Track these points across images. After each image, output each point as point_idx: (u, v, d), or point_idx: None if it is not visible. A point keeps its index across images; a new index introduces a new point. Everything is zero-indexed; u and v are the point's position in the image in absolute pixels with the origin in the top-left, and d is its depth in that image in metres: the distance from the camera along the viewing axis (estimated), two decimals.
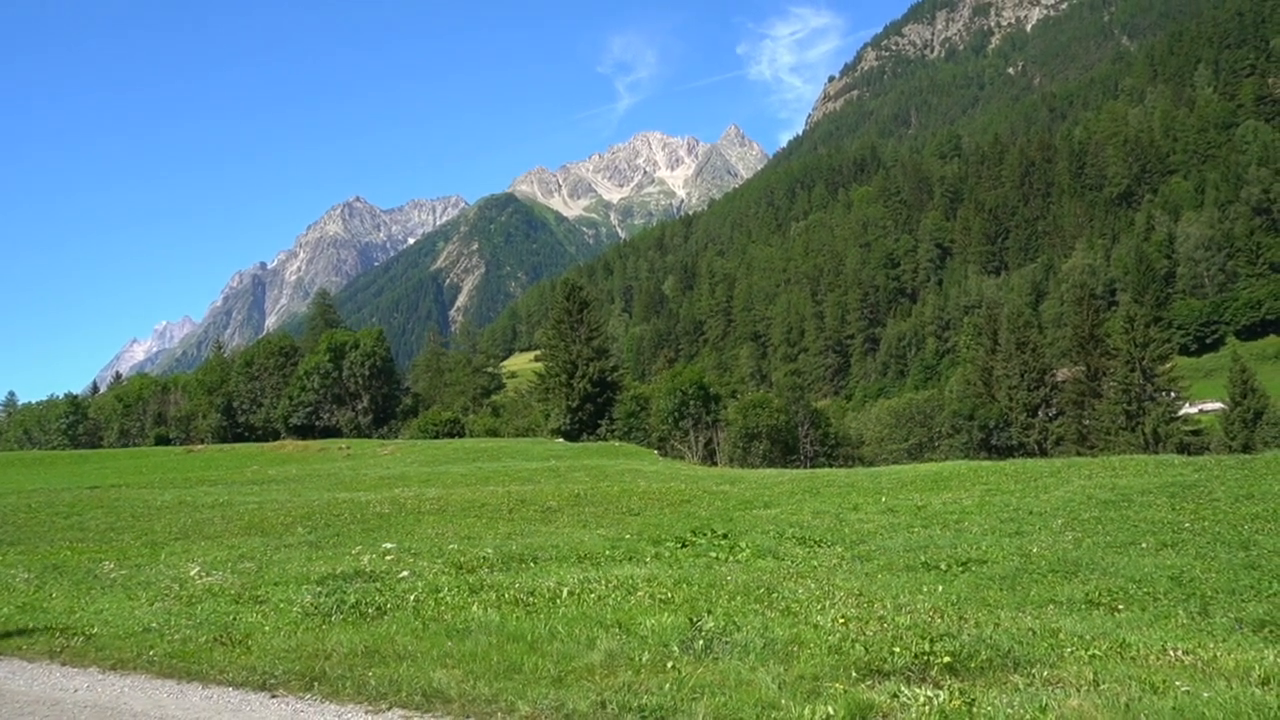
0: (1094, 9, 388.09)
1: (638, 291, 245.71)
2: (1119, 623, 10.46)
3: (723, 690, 6.99)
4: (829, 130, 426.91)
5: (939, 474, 27.85)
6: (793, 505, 23.83)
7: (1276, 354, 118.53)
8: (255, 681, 8.22)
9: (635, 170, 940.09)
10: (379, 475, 37.96)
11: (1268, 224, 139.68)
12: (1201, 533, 15.66)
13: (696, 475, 35.73)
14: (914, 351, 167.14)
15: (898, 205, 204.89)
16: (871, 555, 15.88)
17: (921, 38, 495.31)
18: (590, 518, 23.10)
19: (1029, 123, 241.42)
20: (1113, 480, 22.17)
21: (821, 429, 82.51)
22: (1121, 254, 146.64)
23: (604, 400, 70.43)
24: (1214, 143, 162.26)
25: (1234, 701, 6.47)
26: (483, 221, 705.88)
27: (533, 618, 9.54)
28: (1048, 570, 13.79)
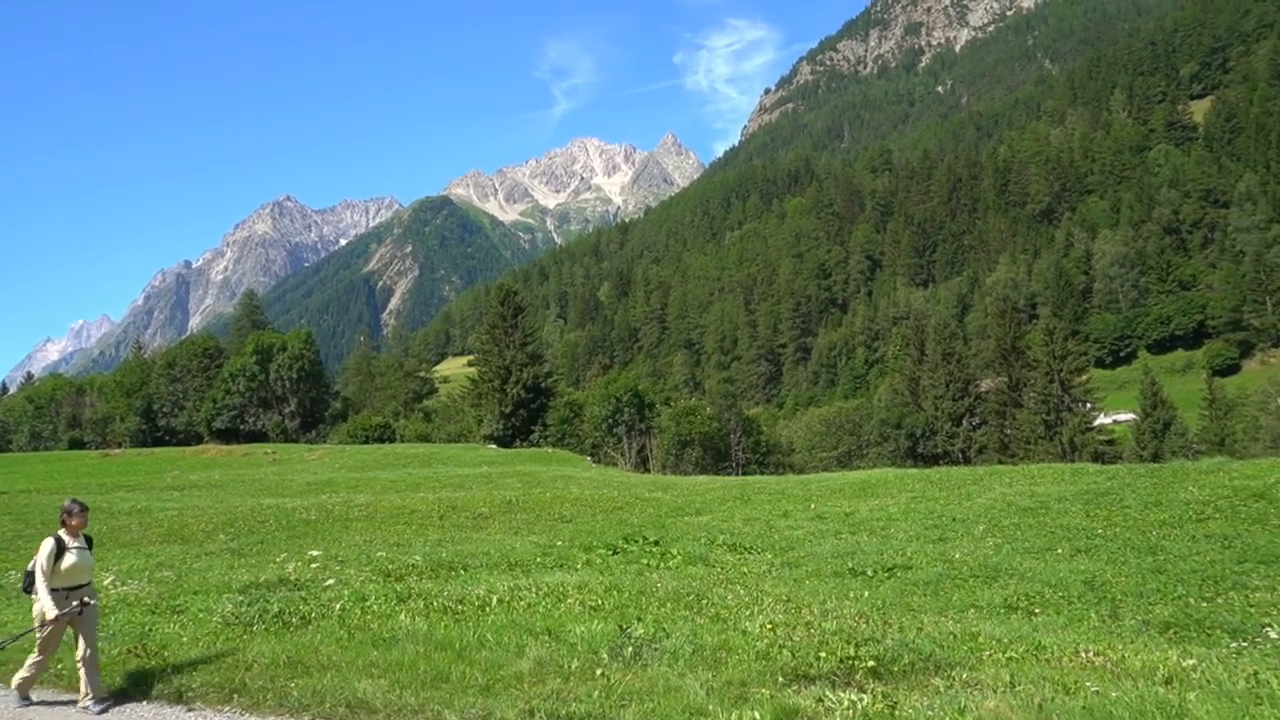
0: (1019, 32, 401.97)
1: (573, 297, 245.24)
2: (1035, 626, 10.81)
3: (651, 697, 7.01)
4: (764, 141, 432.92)
5: (867, 481, 28.37)
6: (724, 512, 24.00)
7: (1184, 367, 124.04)
8: (170, 694, 7.97)
9: (572, 176, 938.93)
10: (306, 481, 37.06)
11: (1177, 243, 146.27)
12: (1113, 539, 16.27)
13: (629, 482, 35.74)
14: (844, 361, 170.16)
15: (830, 217, 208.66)
16: (800, 562, 16.10)
17: (855, 54, 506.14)
18: (522, 524, 22.92)
19: (957, 140, 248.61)
20: (1032, 488, 22.86)
21: (753, 436, 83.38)
22: (1042, 269, 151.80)
23: (537, 406, 69.99)
24: (1128, 164, 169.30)
25: (1140, 701, 6.74)
26: (417, 224, 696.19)
27: (461, 626, 9.43)
28: (969, 575, 14.17)
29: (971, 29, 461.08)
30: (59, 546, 8.17)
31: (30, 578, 8.22)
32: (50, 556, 8.08)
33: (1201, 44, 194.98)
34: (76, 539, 8.36)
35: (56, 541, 8.20)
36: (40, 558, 8.08)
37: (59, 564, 8.12)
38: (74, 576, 8.25)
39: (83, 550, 8.36)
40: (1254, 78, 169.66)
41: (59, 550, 8.16)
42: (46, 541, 8.21)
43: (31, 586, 8.17)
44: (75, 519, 8.37)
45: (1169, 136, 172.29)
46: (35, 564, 8.14)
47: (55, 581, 8.06)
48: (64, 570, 8.15)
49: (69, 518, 8.37)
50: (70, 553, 8.23)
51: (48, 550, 8.10)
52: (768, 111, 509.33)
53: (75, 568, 8.23)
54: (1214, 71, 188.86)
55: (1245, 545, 14.66)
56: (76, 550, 8.29)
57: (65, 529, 8.35)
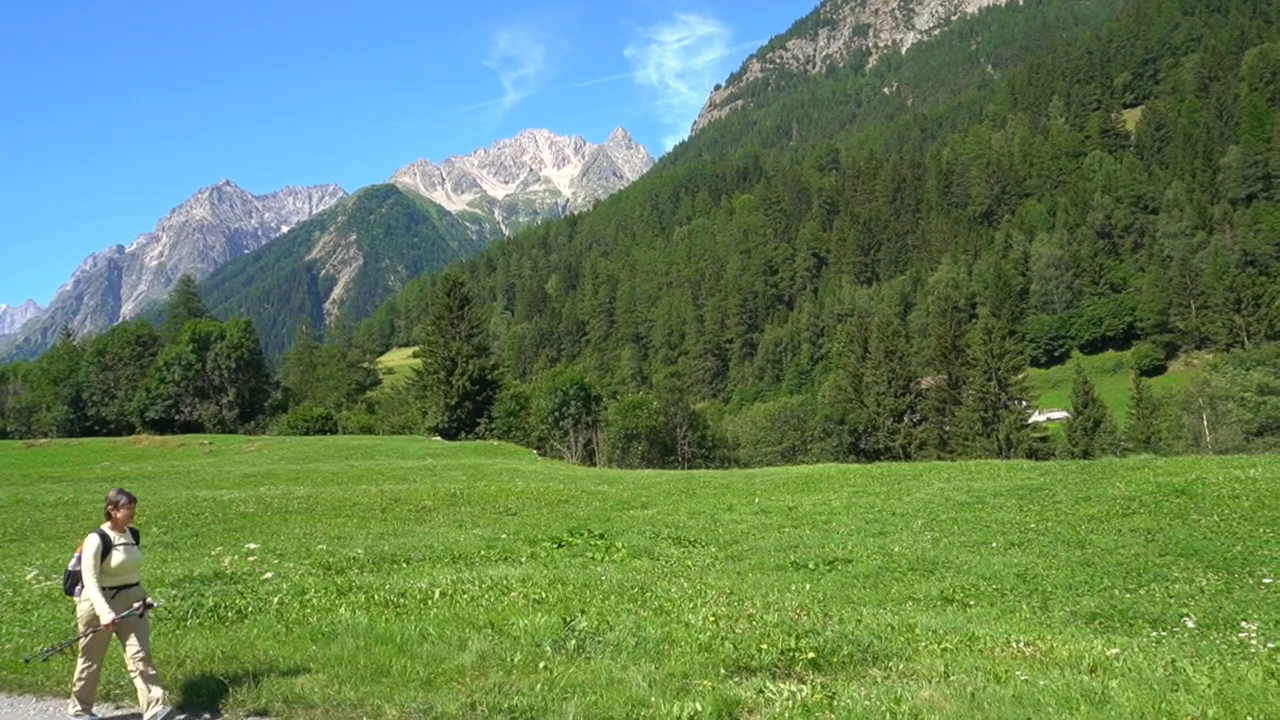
0: (963, 38, 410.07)
1: (520, 290, 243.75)
2: (970, 617, 11.10)
3: (594, 689, 7.03)
4: (714, 138, 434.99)
5: (810, 476, 28.77)
6: (669, 506, 24.14)
7: (1114, 367, 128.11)
8: (100, 692, 7.74)
9: (521, 167, 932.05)
10: (244, 473, 36.27)
11: (1109, 247, 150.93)
12: (1045, 533, 16.77)
13: (575, 475, 35.72)
14: (790, 357, 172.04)
15: (777, 214, 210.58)
16: (744, 555, 16.27)
17: (805, 53, 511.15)
18: (466, 517, 22.76)
19: (902, 141, 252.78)
20: (969, 483, 23.42)
21: (699, 431, 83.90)
22: (982, 270, 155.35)
23: (483, 399, 69.44)
24: (1065, 169, 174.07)
25: (1066, 689, 6.98)
26: (362, 212, 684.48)
27: (403, 619, 9.35)
28: (908, 569, 14.48)
29: (918, 32, 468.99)
30: (105, 543, 7.28)
31: (72, 578, 7.36)
32: (97, 554, 7.20)
33: (1134, 55, 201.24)
34: (123, 533, 7.47)
35: (102, 537, 7.30)
36: (86, 556, 7.19)
37: (106, 562, 7.25)
38: (122, 575, 7.39)
39: (130, 546, 7.50)
40: (1182, 89, 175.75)
41: (105, 547, 7.28)
42: (91, 538, 7.30)
43: (74, 588, 7.33)
44: (122, 511, 7.46)
45: (1103, 143, 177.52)
46: (79, 563, 7.30)
47: (102, 581, 7.20)
48: (112, 569, 7.30)
49: (114, 509, 7.46)
50: (118, 549, 7.35)
51: (94, 548, 7.21)
52: (718, 108, 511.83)
53: (124, 565, 7.37)
54: (1145, 82, 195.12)
55: (1167, 539, 15.23)
56: (124, 546, 7.41)
57: (110, 522, 7.46)
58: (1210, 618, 10.83)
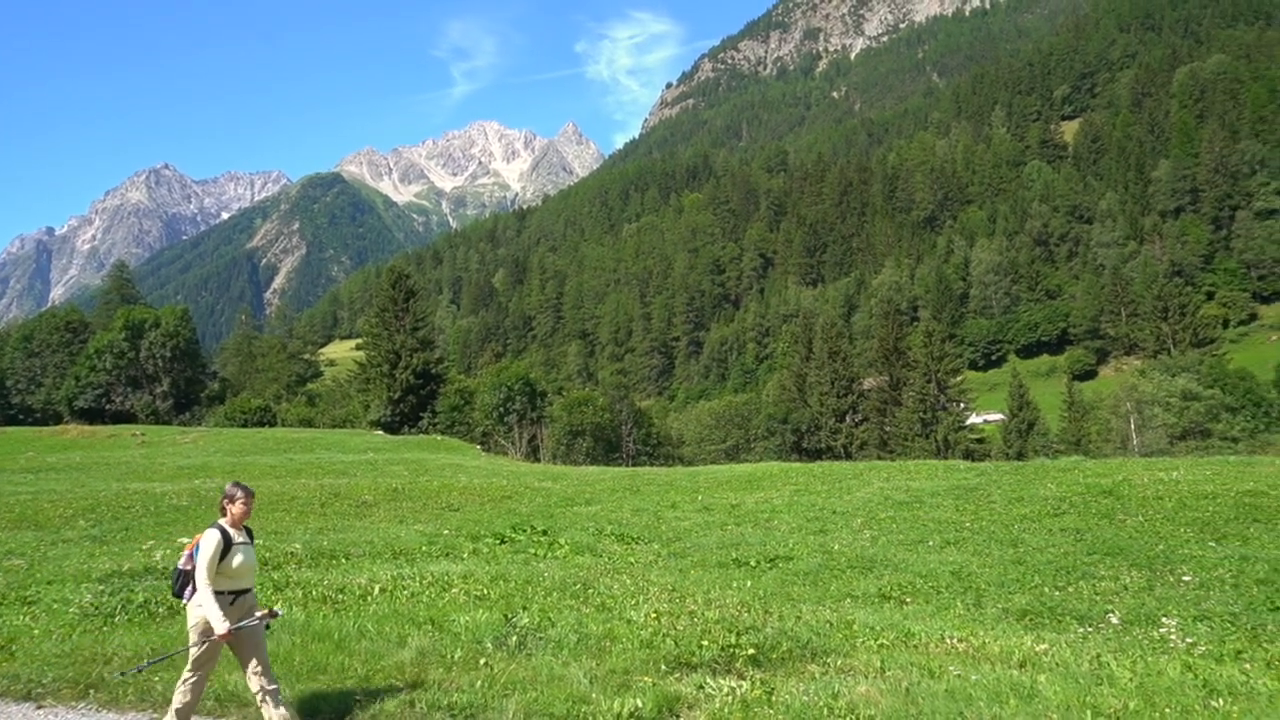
0: (910, 45, 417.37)
1: (467, 283, 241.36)
2: (906, 614, 11.33)
3: (535, 686, 7.02)
4: (664, 136, 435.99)
5: (753, 474, 29.03)
6: (613, 503, 24.17)
7: (1048, 371, 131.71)
8: (19, 691, 7.47)
9: (470, 160, 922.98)
10: (178, 465, 35.31)
11: (1046, 255, 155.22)
12: (979, 531, 17.19)
13: (519, 471, 35.53)
14: (735, 356, 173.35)
15: (726, 214, 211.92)
16: (686, 552, 16.38)
17: (756, 54, 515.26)
18: (408, 513, 22.51)
19: (849, 145, 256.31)
20: (907, 483, 23.87)
21: (644, 428, 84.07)
22: (924, 274, 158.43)
23: (427, 393, 68.59)
24: (1005, 178, 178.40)
25: (996, 683, 7.18)
26: (306, 200, 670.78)
27: (341, 616, 9.22)
28: (847, 566, 14.73)
29: (867, 38, 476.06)
30: (225, 541, 6.47)
31: (182, 579, 6.54)
32: (215, 554, 6.37)
33: (1073, 69, 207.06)
34: (240, 531, 6.67)
35: (222, 535, 6.48)
36: (203, 556, 6.35)
37: (225, 563, 6.44)
38: (241, 578, 6.57)
39: (247, 546, 6.69)
40: (1117, 104, 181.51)
41: (225, 545, 6.46)
42: (210, 535, 6.45)
43: (184, 590, 6.52)
44: (240, 506, 6.64)
45: (1042, 153, 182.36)
46: (189, 562, 6.50)
47: (218, 585, 6.42)
48: (231, 571, 6.47)
49: (231, 504, 6.64)
50: (237, 549, 6.53)
51: (213, 546, 6.38)
52: (669, 106, 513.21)
53: (243, 567, 6.56)
54: (1083, 95, 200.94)
55: (1095, 538, 15.74)
56: (243, 546, 6.61)
57: (227, 518, 6.63)
58: (1134, 614, 11.22)
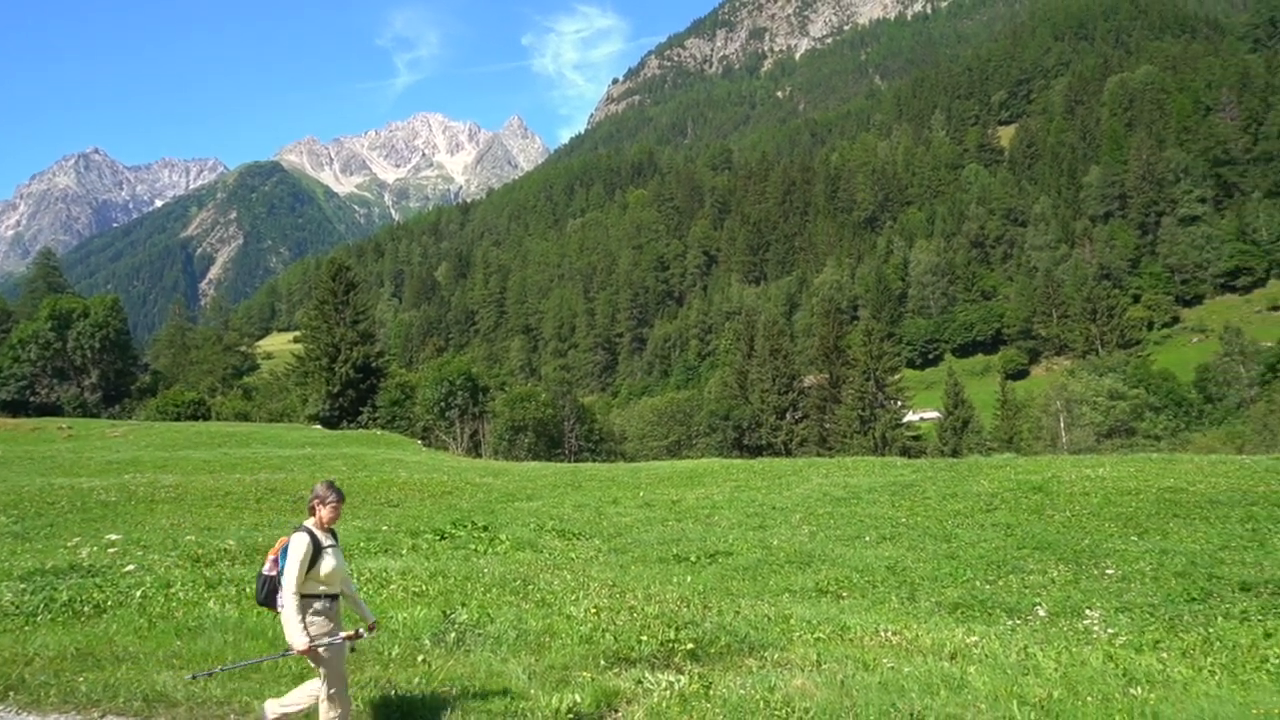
0: (854, 47, 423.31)
1: (409, 276, 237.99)
2: (842, 608, 11.54)
3: (473, 682, 6.99)
4: (610, 131, 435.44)
5: (694, 471, 29.25)
6: (555, 498, 24.14)
7: (983, 370, 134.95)
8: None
9: (413, 151, 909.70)
10: (106, 459, 34.20)
11: (981, 256, 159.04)
12: (915, 527, 17.59)
13: (460, 467, 35.24)
14: (678, 352, 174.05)
15: (670, 211, 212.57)
16: (627, 548, 16.44)
17: (702, 52, 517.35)
18: (346, 509, 22.10)
19: (793, 144, 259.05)
20: (845, 479, 24.30)
21: (587, 424, 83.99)
22: (864, 273, 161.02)
23: (367, 387, 67.53)
24: (944, 180, 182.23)
25: (928, 675, 7.36)
26: (244, 189, 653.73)
27: (276, 613, 9.04)
28: (785, 561, 14.94)
29: (811, 39, 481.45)
30: (315, 545, 5.96)
31: (269, 586, 6.04)
32: (305, 559, 5.87)
33: (1010, 75, 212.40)
34: (328, 534, 6.14)
35: (311, 539, 5.95)
36: (291, 561, 5.84)
37: (314, 568, 5.94)
38: (332, 584, 6.08)
39: (337, 549, 6.16)
40: (1051, 110, 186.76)
41: (314, 550, 5.95)
42: (299, 538, 5.91)
43: (273, 598, 6.03)
44: (329, 507, 6.09)
45: (979, 157, 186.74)
46: (274, 567, 6.02)
47: (308, 588, 5.91)
48: (322, 576, 5.98)
49: (322, 505, 6.08)
50: (327, 553, 6.01)
51: (303, 551, 5.86)
52: (615, 102, 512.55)
53: (335, 573, 6.07)
54: (1019, 101, 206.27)
55: (1025, 533, 16.22)
56: (331, 549, 6.08)
57: (314, 520, 6.10)
58: (1060, 606, 11.60)
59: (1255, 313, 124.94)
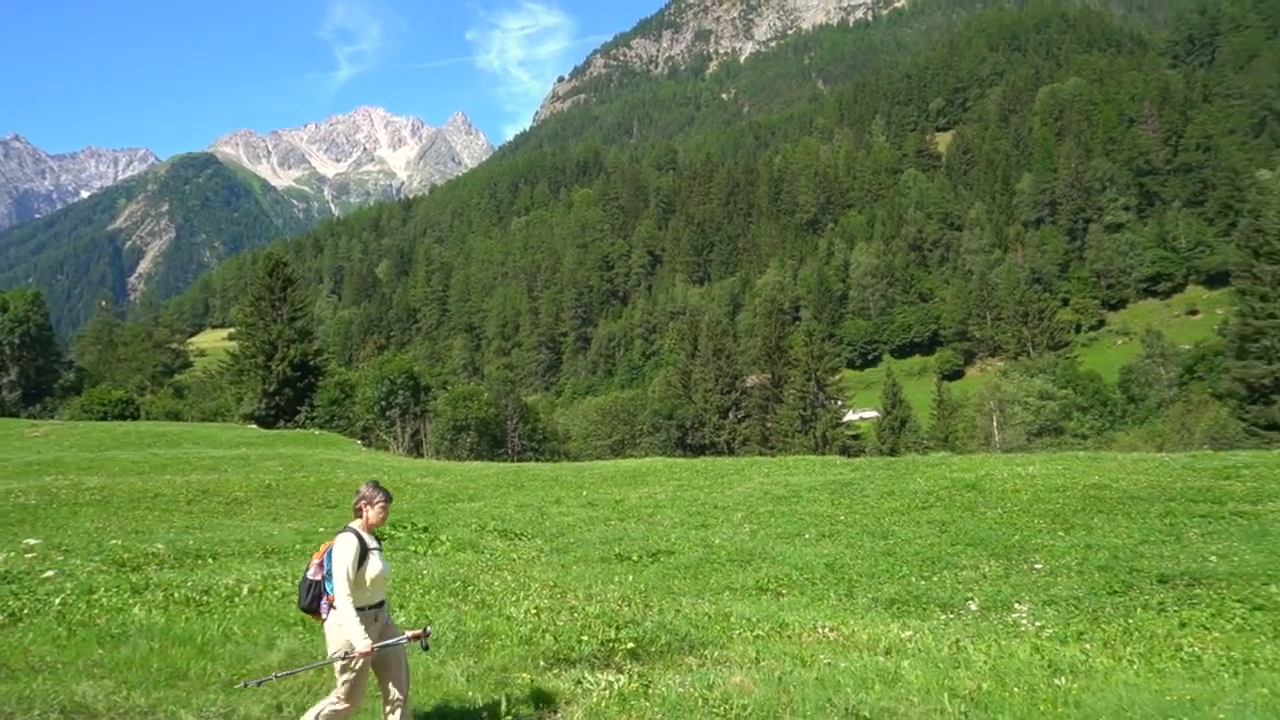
0: (797, 52, 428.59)
1: (349, 273, 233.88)
2: (782, 606, 11.68)
3: (410, 685, 6.90)
4: (555, 129, 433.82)
5: (638, 470, 29.29)
6: (497, 499, 23.96)
7: (920, 371, 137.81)
8: None
9: (355, 146, 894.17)
10: (26, 460, 32.89)
11: (920, 259, 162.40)
12: (853, 525, 17.86)
13: (401, 467, 34.76)
14: (622, 352, 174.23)
15: (615, 210, 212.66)
16: (570, 547, 16.41)
17: (648, 53, 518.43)
18: (282, 510, 21.69)
19: (737, 146, 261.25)
20: (786, 478, 24.57)
21: (530, 423, 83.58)
22: (806, 275, 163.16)
23: (305, 386, 66.13)
24: (884, 184, 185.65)
25: (863, 669, 7.50)
26: (176, 181, 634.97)
27: (205, 618, 8.80)
28: (727, 560, 15.05)
29: (756, 42, 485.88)
30: (362, 547, 5.78)
31: (312, 591, 5.85)
32: (354, 563, 5.69)
33: (947, 83, 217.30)
34: (372, 537, 5.97)
35: (360, 541, 5.78)
36: (340, 565, 5.65)
37: (361, 572, 5.76)
38: (377, 590, 5.93)
39: (380, 552, 5.99)
40: (986, 118, 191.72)
41: (362, 552, 5.77)
42: (347, 539, 5.73)
43: (317, 604, 5.85)
44: (378, 508, 5.92)
45: (918, 162, 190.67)
46: (320, 571, 5.81)
47: (357, 599, 5.73)
48: (368, 581, 5.80)
49: (369, 506, 5.90)
50: (373, 556, 5.84)
51: (352, 553, 5.68)
52: (560, 100, 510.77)
53: (380, 577, 5.90)
54: (956, 109, 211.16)
55: (958, 530, 16.60)
56: (377, 552, 5.91)
57: (361, 522, 5.91)
58: (991, 600, 11.90)
59: (1174, 317, 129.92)
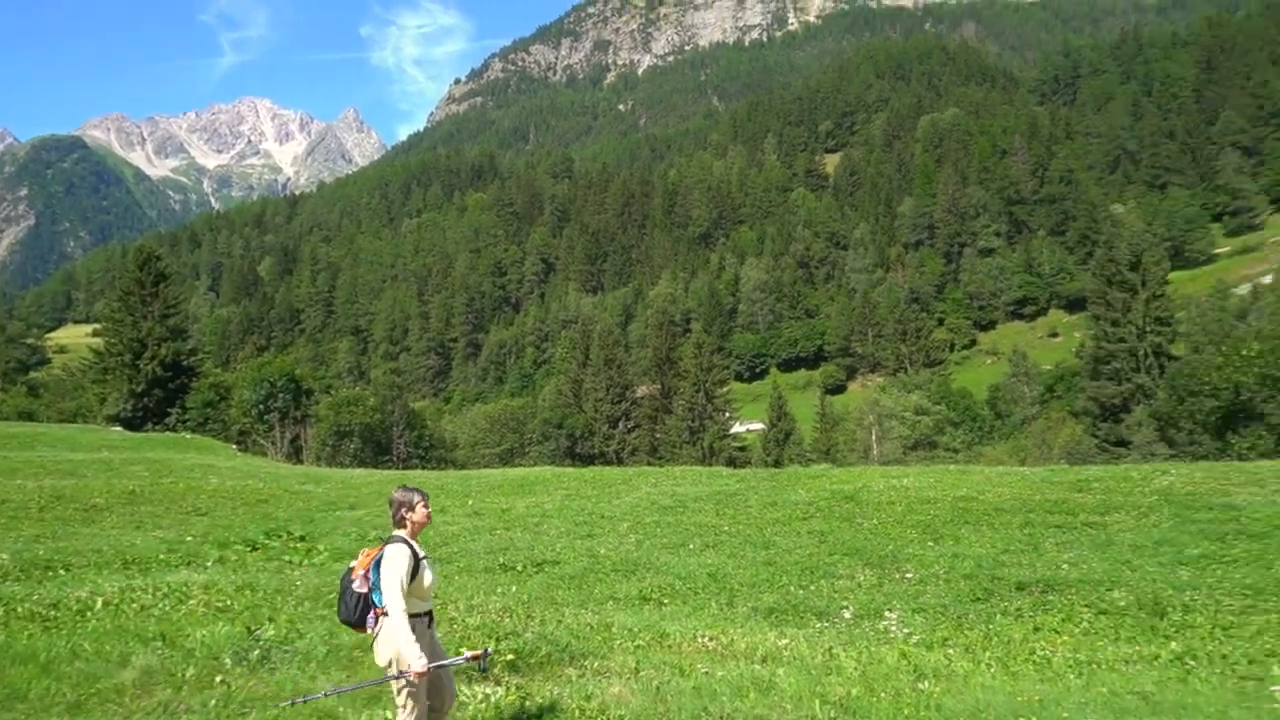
0: (694, 68, 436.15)
1: (229, 270, 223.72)
2: (664, 615, 11.79)
3: (276, 702, 6.64)
4: (450, 131, 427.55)
5: (525, 479, 29.04)
6: (379, 507, 23.31)
7: (805, 385, 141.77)
8: None
9: (238, 137, 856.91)
10: None
11: (807, 276, 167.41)
12: (736, 535, 18.20)
13: (278, 473, 33.40)
14: (513, 359, 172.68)
15: (510, 216, 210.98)
16: (453, 557, 16.14)
17: (547, 59, 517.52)
18: (147, 518, 20.51)
19: (633, 158, 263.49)
20: (673, 488, 24.82)
21: (417, 430, 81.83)
22: (697, 288, 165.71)
23: (177, 386, 62.81)
24: (774, 202, 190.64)
25: (740, 678, 7.65)
26: (37, 165, 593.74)
27: (52, 635, 8.24)
28: (612, 570, 15.10)
29: (654, 56, 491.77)
30: (416, 558, 5.42)
31: (360, 604, 5.45)
32: (408, 575, 5.32)
33: (836, 107, 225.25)
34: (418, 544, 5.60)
35: (413, 551, 5.42)
36: (393, 577, 5.25)
37: (414, 583, 5.41)
38: (428, 598, 5.62)
39: (430, 561, 5.67)
40: (871, 142, 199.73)
41: (415, 562, 5.41)
42: (399, 549, 5.36)
43: (365, 618, 5.44)
44: (421, 511, 5.61)
45: (807, 182, 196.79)
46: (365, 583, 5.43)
47: (408, 609, 5.32)
48: (421, 591, 5.48)
49: (411, 512, 5.58)
50: (425, 565, 5.51)
51: (406, 564, 5.31)
52: (456, 102, 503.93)
53: (431, 587, 5.62)
54: (844, 132, 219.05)
55: (836, 540, 17.13)
56: (427, 560, 5.60)
57: (407, 529, 5.57)
58: (864, 608, 12.33)
59: (1038, 339, 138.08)
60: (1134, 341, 60.87)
